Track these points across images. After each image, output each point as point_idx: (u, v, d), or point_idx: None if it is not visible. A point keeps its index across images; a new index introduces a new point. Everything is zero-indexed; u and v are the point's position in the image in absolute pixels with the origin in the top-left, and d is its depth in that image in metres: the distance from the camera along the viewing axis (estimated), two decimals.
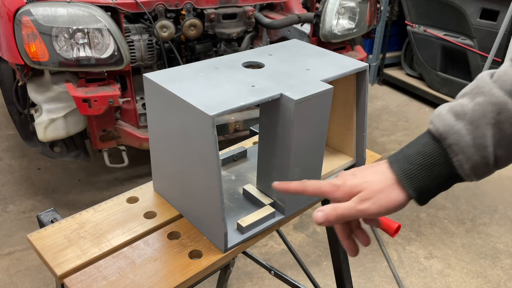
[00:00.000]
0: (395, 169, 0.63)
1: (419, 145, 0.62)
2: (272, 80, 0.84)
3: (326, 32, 2.28)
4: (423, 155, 0.61)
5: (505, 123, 0.56)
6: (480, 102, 0.58)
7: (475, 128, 0.58)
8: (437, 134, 0.60)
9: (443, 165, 0.61)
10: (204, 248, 0.82)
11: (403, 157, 0.63)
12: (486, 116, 0.57)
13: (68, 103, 1.97)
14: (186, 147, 0.80)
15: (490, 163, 0.59)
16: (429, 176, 0.61)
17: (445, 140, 0.60)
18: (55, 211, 0.91)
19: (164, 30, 2.06)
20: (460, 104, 0.60)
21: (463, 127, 0.58)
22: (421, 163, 0.61)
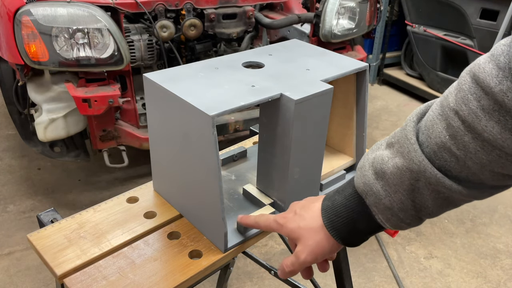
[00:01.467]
0: (324, 220, 0.65)
1: (345, 196, 0.63)
2: (272, 80, 0.84)
3: (326, 32, 2.28)
4: (347, 208, 0.62)
5: (424, 189, 0.54)
6: (398, 165, 0.55)
7: (393, 192, 0.56)
8: (358, 191, 0.61)
9: (366, 220, 0.61)
10: (204, 248, 0.82)
11: (332, 206, 0.64)
12: (404, 182, 0.55)
13: (68, 103, 1.97)
14: (186, 147, 0.80)
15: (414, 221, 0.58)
16: (353, 228, 0.63)
17: (365, 199, 0.60)
18: (55, 211, 0.91)
19: (164, 30, 2.06)
20: (381, 160, 0.58)
21: (381, 189, 0.57)
22: (346, 216, 0.63)
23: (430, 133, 0.53)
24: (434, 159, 0.53)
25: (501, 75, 0.45)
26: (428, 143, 0.53)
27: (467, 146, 0.49)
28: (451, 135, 0.50)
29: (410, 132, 0.55)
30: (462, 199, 0.54)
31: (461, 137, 0.49)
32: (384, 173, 0.57)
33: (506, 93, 0.44)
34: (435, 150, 0.52)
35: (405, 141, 0.55)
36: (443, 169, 0.53)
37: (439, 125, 0.52)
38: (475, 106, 0.47)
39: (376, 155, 0.59)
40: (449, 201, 0.55)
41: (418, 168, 0.53)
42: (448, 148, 0.51)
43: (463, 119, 0.49)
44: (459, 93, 0.50)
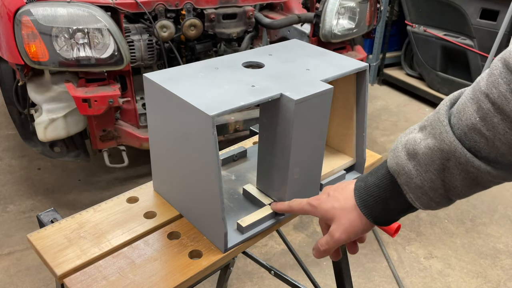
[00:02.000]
0: (357, 199, 0.68)
1: (378, 177, 0.66)
2: (272, 80, 0.84)
3: (326, 32, 2.28)
4: (380, 188, 0.66)
5: (454, 169, 0.57)
6: (430, 146, 0.58)
7: (424, 171, 0.59)
8: (391, 171, 0.64)
9: (399, 199, 0.64)
10: (204, 248, 0.82)
11: (365, 187, 0.68)
12: (434, 162, 0.58)
13: (68, 103, 1.97)
14: (186, 147, 0.80)
15: (443, 200, 0.61)
16: (385, 207, 0.66)
17: (397, 179, 0.63)
18: (55, 211, 0.91)
19: (164, 30, 2.06)
20: (413, 141, 0.61)
21: (413, 168, 0.60)
22: (378, 196, 0.66)
23: (461, 115, 0.56)
24: (465, 140, 0.55)
25: None
26: (459, 125, 0.56)
27: (496, 127, 0.52)
28: (481, 117, 0.53)
29: (442, 115, 0.58)
30: (490, 180, 0.56)
31: (491, 118, 0.52)
32: (416, 153, 0.59)
33: None
34: (465, 132, 0.55)
35: (437, 123, 0.58)
36: (473, 150, 0.55)
37: (470, 108, 0.55)
38: (504, 89, 0.51)
39: (409, 138, 0.62)
40: (477, 181, 0.57)
41: (449, 148, 0.56)
42: (478, 130, 0.54)
43: (493, 101, 0.52)
44: (490, 78, 0.53)
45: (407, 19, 3.64)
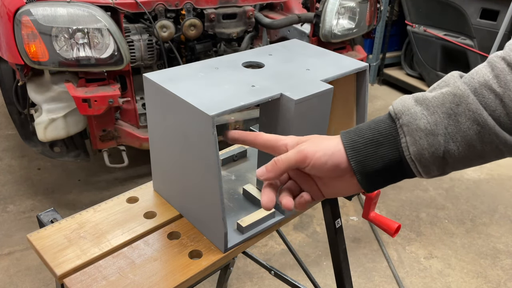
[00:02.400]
0: (344, 138, 0.61)
1: (374, 121, 0.61)
2: (272, 80, 0.84)
3: (326, 32, 2.28)
4: (373, 130, 0.60)
5: (462, 116, 0.55)
6: (442, 92, 0.57)
7: (430, 113, 0.57)
8: (393, 113, 0.59)
9: (390, 145, 0.59)
10: (204, 248, 0.82)
11: (355, 129, 0.62)
12: (444, 105, 0.56)
13: (68, 103, 1.96)
14: (186, 147, 0.80)
15: (437, 154, 0.57)
16: (374, 153, 0.60)
17: (398, 120, 0.59)
18: (55, 211, 0.91)
19: (164, 30, 2.06)
20: (423, 94, 0.59)
21: (419, 111, 0.57)
22: (370, 138, 0.60)
23: (474, 75, 0.57)
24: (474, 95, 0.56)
25: None
26: (471, 82, 0.57)
27: (509, 84, 0.54)
28: (495, 75, 0.55)
29: (455, 75, 0.58)
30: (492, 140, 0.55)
31: (504, 76, 0.54)
32: (426, 98, 0.58)
33: None
34: (476, 87, 0.56)
35: (450, 78, 0.58)
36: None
37: (484, 70, 0.56)
38: None
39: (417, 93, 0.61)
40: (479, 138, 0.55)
41: (462, 93, 0.56)
42: (489, 86, 0.55)
43: (509, 62, 0.55)
44: (507, 47, 0.56)
45: (407, 19, 3.64)
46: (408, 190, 2.61)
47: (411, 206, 2.49)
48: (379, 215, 1.04)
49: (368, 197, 1.03)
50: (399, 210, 2.45)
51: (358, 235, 2.26)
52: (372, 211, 1.05)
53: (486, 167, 2.87)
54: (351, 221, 2.35)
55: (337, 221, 1.17)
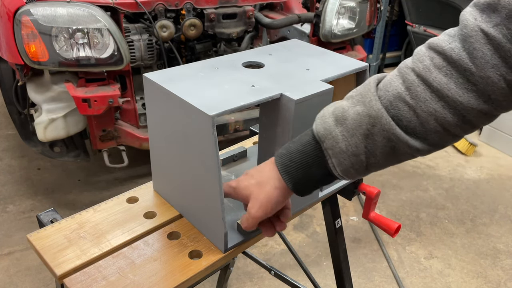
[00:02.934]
0: (278, 165, 0.69)
1: (302, 143, 0.68)
2: (272, 80, 0.84)
3: (326, 32, 2.28)
4: (303, 154, 0.67)
5: (377, 136, 0.61)
6: (359, 112, 0.62)
7: (350, 135, 0.62)
8: (317, 136, 0.65)
9: (319, 165, 0.66)
10: (204, 248, 0.82)
11: (287, 153, 0.69)
12: (361, 127, 0.61)
13: (68, 103, 1.96)
14: (186, 147, 0.80)
15: (361, 168, 0.64)
16: (306, 174, 0.68)
17: (323, 143, 0.65)
18: (55, 211, 0.91)
19: (164, 30, 2.05)
20: (341, 108, 0.64)
21: (340, 133, 0.63)
22: (301, 161, 0.67)
23: (388, 88, 0.61)
24: (390, 109, 0.60)
25: (451, 39, 0.57)
26: (386, 95, 0.61)
27: (419, 95, 0.58)
28: (406, 87, 0.59)
29: (372, 87, 0.63)
30: (406, 151, 0.62)
31: (415, 88, 0.59)
32: (345, 119, 0.63)
33: (453, 49, 0.56)
34: (391, 101, 0.60)
35: (367, 92, 0.62)
36: (396, 118, 0.60)
37: (396, 81, 0.61)
38: (428, 63, 0.58)
39: (336, 106, 0.65)
40: (394, 151, 0.62)
41: (376, 114, 0.60)
42: (403, 98, 0.60)
43: (417, 73, 0.59)
44: (416, 57, 0.60)
45: (407, 19, 3.64)
46: (408, 190, 2.61)
47: (411, 206, 2.49)
48: (379, 215, 1.04)
49: (368, 197, 1.03)
50: (399, 210, 2.45)
51: (358, 235, 2.26)
52: (372, 211, 1.05)
53: (486, 167, 2.87)
54: (351, 221, 2.35)
55: (337, 221, 1.17)
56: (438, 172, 2.80)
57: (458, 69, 0.56)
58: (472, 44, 0.54)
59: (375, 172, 0.70)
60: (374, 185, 0.89)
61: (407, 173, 2.76)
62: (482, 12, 0.55)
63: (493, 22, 0.53)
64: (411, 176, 2.75)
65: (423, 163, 2.89)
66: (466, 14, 0.56)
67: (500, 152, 3.05)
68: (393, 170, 2.77)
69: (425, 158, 2.93)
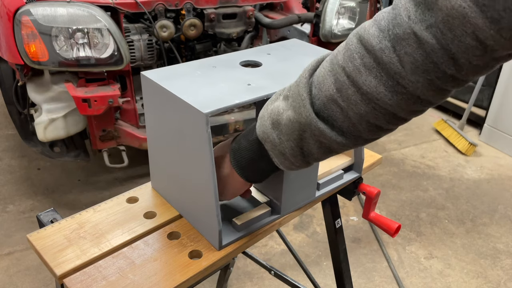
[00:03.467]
0: (232, 161, 0.75)
1: (249, 141, 0.73)
2: (268, 79, 0.84)
3: (326, 32, 2.28)
4: (250, 151, 0.73)
5: (310, 139, 0.63)
6: (290, 118, 0.63)
7: (286, 140, 0.65)
8: (259, 138, 0.70)
9: (266, 161, 0.71)
10: (204, 248, 0.82)
11: (238, 149, 0.74)
12: (294, 133, 0.64)
13: (68, 103, 1.97)
14: (182, 144, 0.80)
15: (303, 164, 0.68)
16: (257, 168, 0.74)
17: (264, 145, 0.69)
18: (54, 211, 0.91)
19: (164, 30, 2.06)
20: (277, 111, 0.66)
21: (276, 137, 0.66)
22: (250, 158, 0.73)
23: (321, 86, 0.61)
24: (324, 110, 0.61)
25: (381, 36, 0.53)
26: (319, 95, 0.61)
27: (350, 98, 0.58)
28: (338, 88, 0.58)
29: (302, 88, 0.62)
30: (340, 148, 0.64)
31: (346, 90, 0.58)
32: (279, 123, 0.65)
33: (384, 51, 0.53)
34: (324, 102, 0.60)
35: (297, 96, 0.62)
36: (330, 120, 0.61)
37: (329, 80, 0.59)
38: (358, 63, 0.55)
39: (273, 107, 0.67)
40: (330, 149, 0.64)
41: (305, 121, 0.61)
42: (335, 100, 0.59)
43: (348, 74, 0.57)
44: (347, 52, 0.57)
45: None
46: (408, 190, 2.61)
47: (411, 206, 2.49)
48: (379, 215, 1.04)
49: (368, 197, 1.03)
50: (399, 210, 2.45)
51: (358, 235, 2.26)
52: (372, 211, 1.05)
53: (486, 167, 2.87)
54: (351, 221, 2.35)
55: (337, 221, 1.17)
56: (438, 172, 2.80)
57: (388, 72, 0.53)
58: (404, 48, 0.51)
59: (375, 172, 0.70)
60: (374, 185, 0.89)
61: (407, 173, 2.76)
62: (417, 7, 0.50)
63: (427, 22, 0.49)
64: (411, 176, 2.75)
65: (423, 163, 2.89)
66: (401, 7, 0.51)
67: (500, 152, 3.05)
68: (393, 170, 2.77)
69: (425, 158, 2.93)
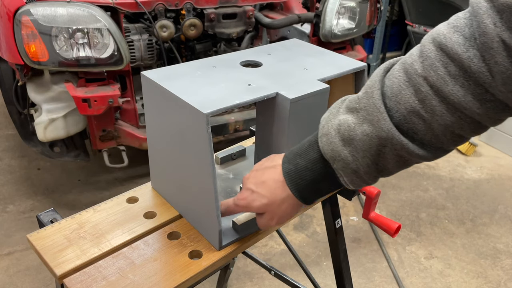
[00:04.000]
0: (288, 183, 0.69)
1: (310, 160, 0.67)
2: (269, 79, 0.84)
3: (326, 32, 2.28)
4: (312, 172, 0.67)
5: (389, 154, 0.60)
6: (367, 133, 0.59)
7: (361, 157, 0.61)
8: (326, 157, 0.65)
9: (331, 181, 0.67)
10: (204, 248, 0.82)
11: (296, 170, 0.69)
12: (371, 148, 0.60)
13: (68, 103, 1.96)
14: (182, 144, 0.80)
15: (373, 181, 0.65)
16: (316, 189, 0.69)
17: (332, 164, 0.64)
18: (54, 211, 0.91)
19: (164, 30, 2.05)
20: (347, 127, 0.61)
21: (349, 154, 0.62)
22: (311, 179, 0.68)
23: (399, 99, 0.57)
24: (403, 123, 0.58)
25: (468, 44, 0.51)
26: (398, 108, 0.57)
27: (434, 109, 0.55)
28: (420, 100, 0.55)
29: (377, 100, 0.58)
30: (418, 161, 0.61)
31: (429, 101, 0.55)
32: (352, 139, 0.61)
33: (472, 60, 0.50)
34: (404, 115, 0.57)
35: (373, 109, 0.58)
36: (410, 133, 0.58)
37: (407, 91, 0.56)
38: (442, 72, 0.53)
39: (340, 121, 0.63)
40: (407, 163, 0.61)
41: (386, 136, 0.58)
42: (417, 112, 0.56)
43: (431, 84, 0.54)
44: (426, 61, 0.54)
45: (407, 19, 3.64)
46: (408, 190, 2.61)
47: (411, 206, 2.48)
48: (379, 215, 1.04)
49: (368, 197, 1.03)
50: (399, 210, 2.45)
51: (358, 235, 2.26)
52: (372, 211, 1.05)
53: (486, 167, 2.87)
54: (351, 221, 2.35)
55: (337, 221, 1.17)
56: (438, 172, 2.80)
57: (477, 81, 0.51)
58: (493, 58, 0.49)
59: None
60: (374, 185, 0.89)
61: (407, 173, 2.76)
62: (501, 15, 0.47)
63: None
64: (411, 176, 2.75)
65: (423, 163, 2.89)
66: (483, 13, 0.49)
67: (500, 152, 3.05)
68: None
69: None
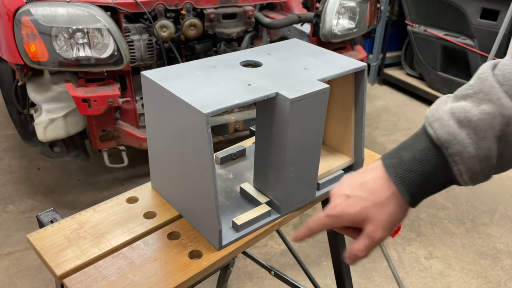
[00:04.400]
0: (393, 176, 0.62)
1: (417, 150, 0.60)
2: (269, 79, 0.84)
3: (326, 32, 2.28)
4: (421, 162, 0.60)
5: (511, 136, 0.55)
6: (488, 111, 0.55)
7: (480, 139, 0.55)
8: (438, 142, 0.58)
9: (442, 173, 0.59)
10: (204, 248, 0.82)
11: (401, 162, 0.61)
12: (493, 128, 0.54)
13: (68, 103, 1.97)
14: (182, 144, 0.80)
15: (490, 172, 0.58)
16: (425, 183, 0.60)
17: (447, 149, 0.57)
18: (54, 211, 0.91)
19: (164, 30, 2.06)
20: (463, 109, 0.56)
21: (467, 136, 0.56)
22: (420, 170, 0.60)
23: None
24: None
25: None
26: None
27: None
28: None
29: (493, 82, 0.55)
30: None
31: None
32: (470, 121, 0.56)
33: None
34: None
35: (491, 89, 0.55)
36: None
37: None
38: None
39: (453, 106, 0.58)
40: None
41: (510, 113, 0.54)
42: None
43: None
44: None
45: (407, 19, 3.64)
46: None
47: None
48: None
49: None
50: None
51: None
52: None
53: None
54: None
55: None
56: None
57: None
58: None
59: None
60: None
61: None
62: None
63: None
64: None
65: None
66: None
67: None
68: None
69: None
